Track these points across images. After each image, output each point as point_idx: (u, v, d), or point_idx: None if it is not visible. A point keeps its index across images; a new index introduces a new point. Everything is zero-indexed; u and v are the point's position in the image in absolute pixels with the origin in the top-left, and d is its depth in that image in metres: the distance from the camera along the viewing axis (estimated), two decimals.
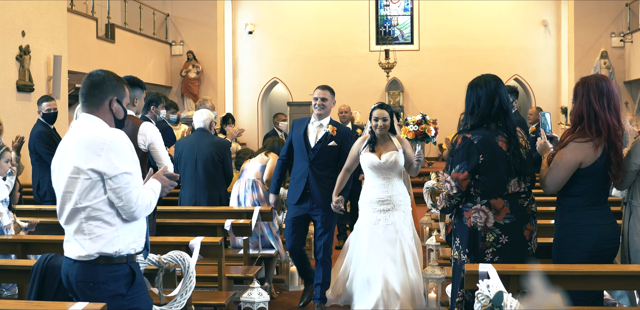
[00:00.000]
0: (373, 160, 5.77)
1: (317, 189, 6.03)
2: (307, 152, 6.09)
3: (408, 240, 5.77)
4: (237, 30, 20.14)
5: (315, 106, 6.13)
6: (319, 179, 6.05)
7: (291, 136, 6.23)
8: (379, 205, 5.78)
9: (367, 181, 5.94)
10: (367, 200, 5.86)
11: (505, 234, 3.96)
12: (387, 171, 5.78)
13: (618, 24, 17.66)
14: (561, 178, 4.02)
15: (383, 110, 5.80)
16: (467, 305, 4.03)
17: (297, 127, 6.22)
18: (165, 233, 5.69)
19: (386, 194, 5.78)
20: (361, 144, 5.91)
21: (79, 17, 13.32)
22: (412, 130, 5.89)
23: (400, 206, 5.80)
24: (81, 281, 3.22)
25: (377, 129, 5.80)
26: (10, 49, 9.93)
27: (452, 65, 19.39)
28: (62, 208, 3.27)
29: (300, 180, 6.09)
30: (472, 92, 4.09)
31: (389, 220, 5.74)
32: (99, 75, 3.37)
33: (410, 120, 5.94)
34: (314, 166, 6.06)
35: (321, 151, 6.08)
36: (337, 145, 6.09)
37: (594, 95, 4.00)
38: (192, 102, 18.35)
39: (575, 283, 3.76)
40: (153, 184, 3.43)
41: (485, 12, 19.55)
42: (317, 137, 6.11)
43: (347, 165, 5.99)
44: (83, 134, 3.26)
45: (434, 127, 5.95)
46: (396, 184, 5.84)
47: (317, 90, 6.19)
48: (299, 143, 6.13)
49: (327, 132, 6.09)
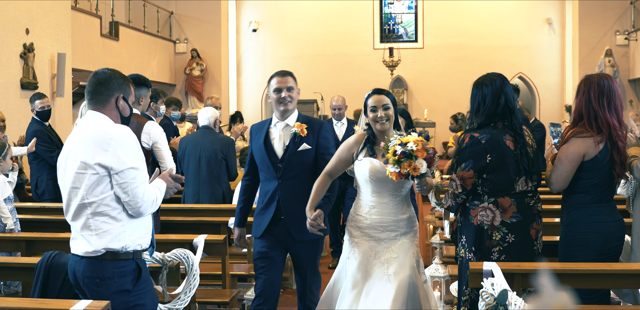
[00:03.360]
0: (378, 169, 4.09)
1: (293, 212, 4.38)
2: (272, 165, 4.42)
3: (418, 279, 4.21)
4: (241, 28, 20.14)
5: (280, 101, 4.40)
6: (295, 197, 4.39)
7: (251, 149, 4.60)
8: (379, 232, 4.17)
9: (364, 198, 4.23)
10: (361, 226, 4.20)
11: (512, 233, 3.94)
12: (396, 186, 4.13)
13: (623, 22, 17.62)
14: (567, 172, 4.02)
15: (382, 95, 4.16)
16: (473, 303, 4.02)
17: (256, 135, 4.55)
18: (169, 231, 5.69)
19: (392, 218, 4.16)
20: (356, 144, 4.26)
21: (83, 15, 13.33)
22: (394, 171, 3.86)
23: (408, 233, 4.23)
24: (88, 277, 3.24)
25: (378, 123, 4.14)
26: (15, 46, 9.93)
27: (456, 64, 19.37)
28: (69, 204, 3.30)
29: (269, 205, 4.44)
30: (478, 91, 4.07)
31: (394, 251, 4.16)
32: (105, 73, 3.41)
33: (388, 154, 3.89)
34: (285, 183, 4.40)
35: (291, 161, 4.39)
36: (312, 148, 4.42)
37: (594, 94, 4.01)
38: (195, 100, 18.38)
39: (581, 281, 3.76)
40: (159, 183, 3.45)
41: (490, 10, 19.52)
42: (285, 143, 4.44)
43: (330, 169, 4.29)
44: (89, 130, 3.29)
45: (424, 154, 3.83)
46: (405, 204, 4.23)
47: (276, 79, 4.43)
48: (261, 155, 4.46)
49: (295, 133, 4.41)
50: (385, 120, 4.14)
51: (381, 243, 4.17)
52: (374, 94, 4.17)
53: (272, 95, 4.43)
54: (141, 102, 5.40)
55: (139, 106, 5.37)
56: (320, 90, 17.67)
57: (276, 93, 4.41)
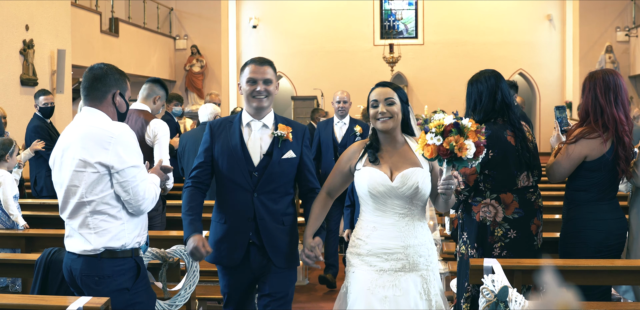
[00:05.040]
0: (378, 181, 3.33)
1: (271, 235, 3.54)
2: (247, 174, 3.52)
3: None
4: (241, 25, 20.13)
5: (253, 95, 3.55)
6: (274, 215, 3.55)
7: (212, 150, 3.62)
8: (384, 261, 3.34)
9: (365, 218, 3.44)
10: (362, 252, 3.39)
11: (514, 229, 3.95)
12: (404, 202, 3.34)
13: (623, 19, 17.60)
14: (567, 170, 4.04)
15: (387, 88, 3.42)
16: (474, 300, 4.02)
17: (223, 134, 3.63)
18: (169, 227, 5.68)
19: (398, 243, 3.33)
20: (356, 152, 3.51)
21: (82, 11, 13.31)
22: (432, 144, 3.02)
23: (419, 264, 3.35)
24: (86, 275, 3.21)
25: (378, 121, 3.37)
26: (14, 43, 9.92)
27: (456, 60, 19.36)
28: (66, 202, 3.25)
29: (242, 224, 3.55)
30: (473, 88, 4.09)
31: (398, 288, 3.33)
32: (101, 68, 3.34)
33: (433, 122, 3.07)
34: (263, 197, 3.53)
35: (273, 170, 3.53)
36: (296, 157, 3.59)
37: (600, 90, 3.99)
38: (196, 97, 18.38)
39: (581, 278, 3.75)
40: (154, 178, 3.43)
41: (490, 7, 19.50)
42: (262, 147, 3.57)
43: (328, 185, 3.58)
44: (88, 127, 3.24)
45: (476, 139, 3.03)
46: (417, 225, 3.37)
47: (251, 67, 3.58)
48: (235, 160, 3.54)
49: (280, 136, 3.56)
50: (387, 118, 3.35)
51: (383, 275, 3.34)
52: (377, 86, 3.46)
53: (245, 87, 3.57)
54: (156, 102, 5.43)
55: (153, 105, 5.40)
56: (320, 86, 17.67)
57: (250, 84, 3.55)
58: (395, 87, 3.45)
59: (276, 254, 3.56)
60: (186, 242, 3.47)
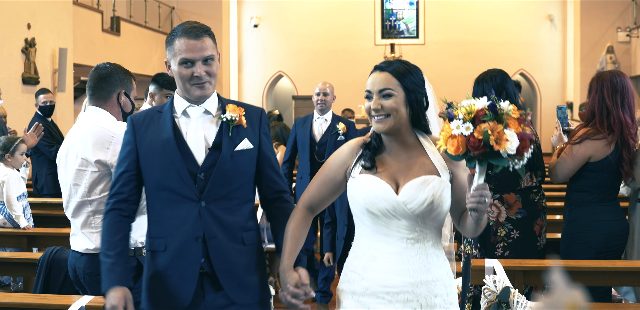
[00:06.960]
0: (378, 194, 2.40)
1: (226, 258, 2.55)
2: (189, 177, 2.53)
3: None
4: (242, 24, 20.12)
5: (192, 81, 2.53)
6: (230, 233, 2.57)
7: (135, 151, 2.61)
8: (387, 303, 2.39)
9: (360, 243, 2.50)
10: (358, 289, 2.45)
11: (517, 229, 3.95)
12: (413, 223, 2.40)
13: (624, 19, 17.59)
14: (570, 170, 4.02)
15: (383, 73, 2.44)
16: (477, 300, 4.03)
17: (149, 130, 2.61)
18: None
19: (406, 279, 2.39)
20: (354, 151, 2.52)
21: (84, 10, 13.31)
22: (459, 134, 2.17)
23: (435, 307, 2.41)
24: (89, 274, 3.21)
25: (374, 120, 2.42)
26: (16, 41, 9.93)
27: (457, 60, 19.36)
28: (69, 200, 3.26)
29: (188, 248, 2.54)
30: (479, 87, 4.09)
31: None
32: (106, 68, 3.36)
33: (461, 109, 2.20)
34: (212, 207, 2.54)
35: (223, 168, 2.55)
36: (254, 148, 2.61)
37: (607, 92, 3.97)
38: None
39: (583, 279, 3.75)
40: None
41: (491, 7, 19.50)
42: (208, 140, 2.59)
43: (311, 198, 2.59)
44: (91, 126, 3.25)
45: (520, 130, 2.17)
46: (431, 254, 2.43)
47: (184, 42, 2.53)
48: (169, 160, 2.54)
49: (229, 120, 2.58)
50: (383, 116, 2.39)
51: None
52: (373, 70, 2.48)
53: (177, 69, 2.54)
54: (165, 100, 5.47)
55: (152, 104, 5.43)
56: None
57: (185, 67, 2.52)
58: (397, 72, 2.44)
59: (233, 285, 2.54)
60: (105, 297, 2.50)
